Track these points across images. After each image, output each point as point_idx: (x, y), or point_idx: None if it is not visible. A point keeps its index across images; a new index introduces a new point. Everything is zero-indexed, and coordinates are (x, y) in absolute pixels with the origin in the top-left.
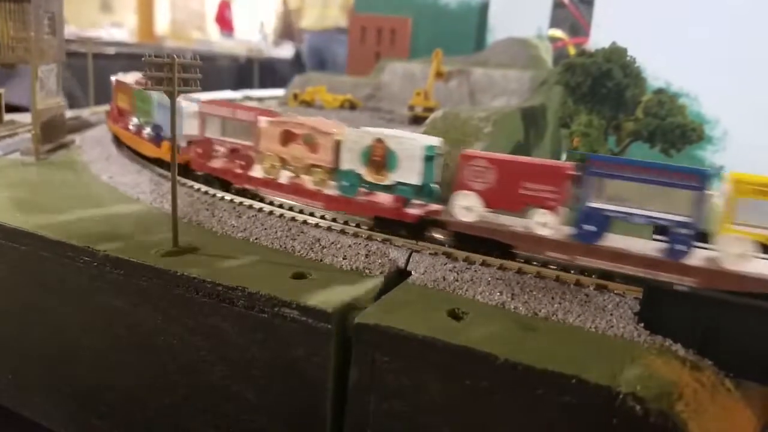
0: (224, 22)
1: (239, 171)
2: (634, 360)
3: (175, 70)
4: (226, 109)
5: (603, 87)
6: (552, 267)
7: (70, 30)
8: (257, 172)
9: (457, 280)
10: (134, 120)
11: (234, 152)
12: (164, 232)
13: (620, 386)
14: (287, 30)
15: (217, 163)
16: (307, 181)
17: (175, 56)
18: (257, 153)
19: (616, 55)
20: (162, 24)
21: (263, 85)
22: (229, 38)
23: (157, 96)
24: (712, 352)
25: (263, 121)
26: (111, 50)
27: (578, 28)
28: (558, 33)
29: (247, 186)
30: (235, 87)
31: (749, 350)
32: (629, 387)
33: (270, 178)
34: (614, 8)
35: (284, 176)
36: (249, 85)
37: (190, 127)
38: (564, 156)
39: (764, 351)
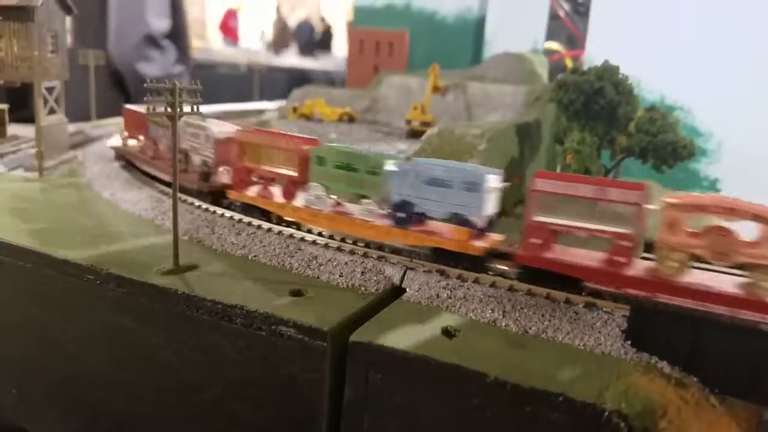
0: (229, 30)
1: (610, 268)
2: (619, 377)
3: (176, 95)
4: (588, 188)
5: (595, 104)
6: (542, 284)
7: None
8: (638, 268)
9: (450, 298)
10: (317, 191)
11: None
12: (165, 250)
13: (605, 404)
14: (283, 39)
15: (563, 255)
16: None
17: (176, 82)
18: (638, 243)
19: (608, 73)
20: None
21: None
22: (231, 46)
23: (401, 165)
24: (697, 369)
25: (647, 199)
26: None
27: (575, 40)
28: (555, 45)
29: (635, 291)
30: (242, 97)
31: (733, 367)
32: (614, 404)
33: (674, 279)
34: (609, 21)
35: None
36: (251, 97)
37: (492, 206)
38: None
39: (748, 368)
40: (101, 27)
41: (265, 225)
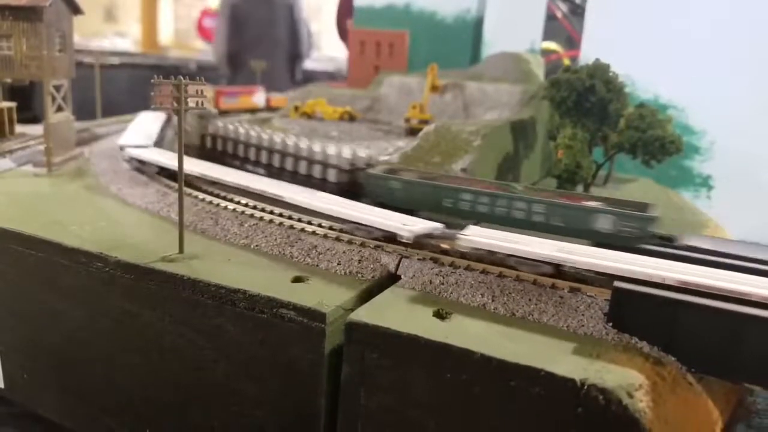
0: (204, 31)
1: None
2: (600, 356)
3: (182, 91)
4: None
5: (587, 101)
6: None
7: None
8: None
9: (443, 284)
10: None
11: None
12: (171, 240)
13: (585, 378)
14: None
15: None
16: None
17: (182, 78)
18: None
19: (599, 71)
20: (165, 34)
21: None
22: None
23: None
24: (675, 349)
25: None
26: (115, 60)
27: (573, 41)
28: (552, 45)
29: None
30: None
31: (710, 347)
32: (593, 379)
33: None
34: (605, 21)
35: None
36: None
37: None
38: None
39: (724, 348)
40: None
41: (267, 216)
